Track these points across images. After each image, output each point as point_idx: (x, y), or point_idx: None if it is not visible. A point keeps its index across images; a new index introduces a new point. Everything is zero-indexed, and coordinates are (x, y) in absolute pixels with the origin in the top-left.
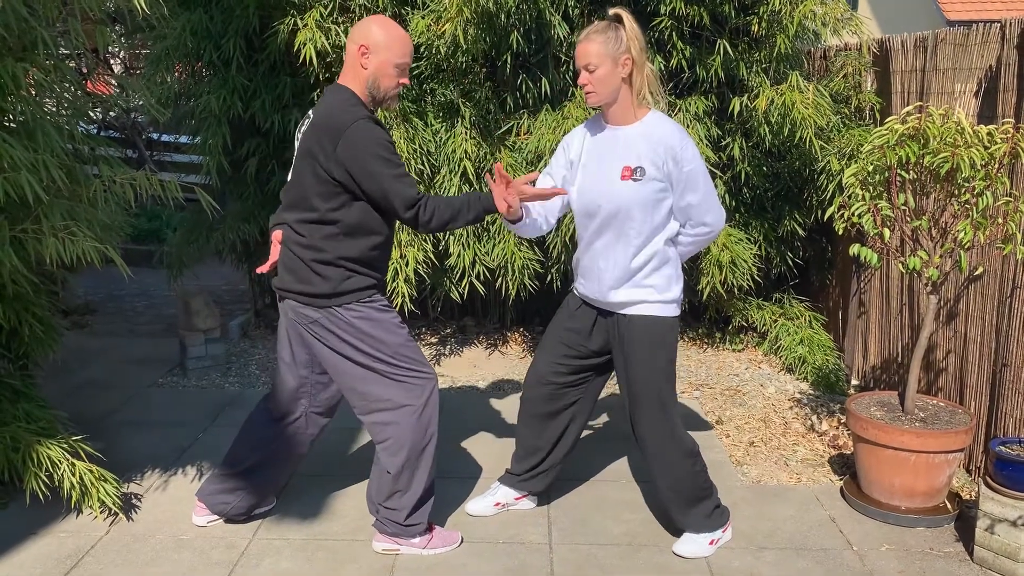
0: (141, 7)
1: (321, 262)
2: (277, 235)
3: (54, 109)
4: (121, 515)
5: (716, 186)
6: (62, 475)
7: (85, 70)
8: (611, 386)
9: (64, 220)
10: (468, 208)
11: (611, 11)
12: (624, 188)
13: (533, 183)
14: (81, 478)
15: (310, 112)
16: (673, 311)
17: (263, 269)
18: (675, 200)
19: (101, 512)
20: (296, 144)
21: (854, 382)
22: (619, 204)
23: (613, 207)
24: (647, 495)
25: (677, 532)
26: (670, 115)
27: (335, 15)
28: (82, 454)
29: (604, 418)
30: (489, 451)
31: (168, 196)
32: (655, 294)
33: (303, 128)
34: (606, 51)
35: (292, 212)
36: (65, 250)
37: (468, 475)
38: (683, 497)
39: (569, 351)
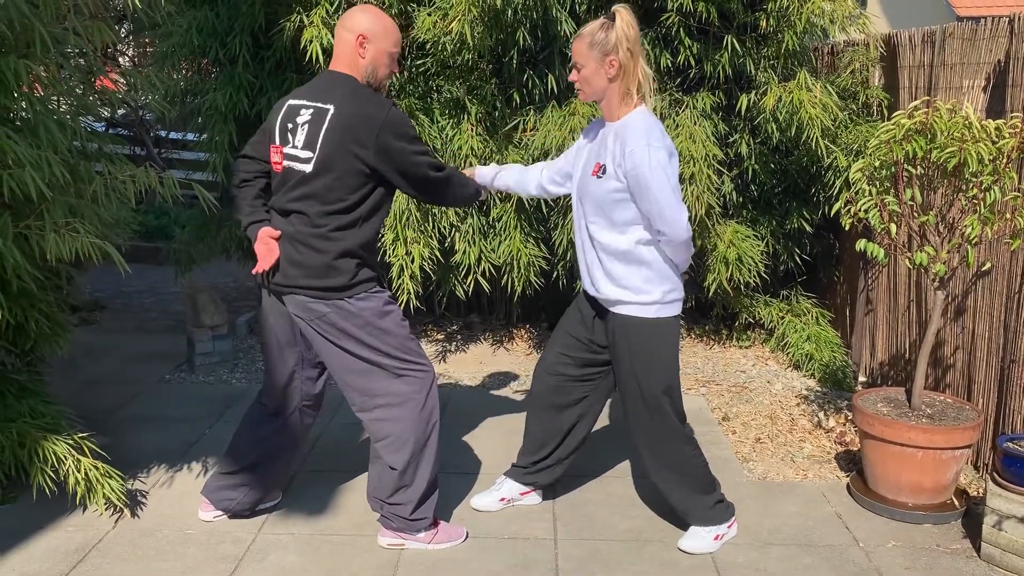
0: (134, 4)
1: (339, 254)
2: (273, 232)
3: (59, 106)
4: (126, 511)
5: (723, 182)
6: (67, 471)
7: (92, 68)
8: None
9: (66, 217)
10: (466, 183)
11: (613, 9)
12: (591, 184)
13: None
14: (86, 474)
15: (304, 100)
16: (654, 312)
17: (263, 268)
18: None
19: (106, 509)
20: (278, 125)
21: (861, 379)
22: (588, 199)
23: (585, 200)
24: (653, 491)
25: (683, 527)
26: (677, 112)
27: (341, 12)
28: (87, 450)
29: (611, 414)
30: (494, 447)
31: (167, 193)
32: (631, 295)
33: (305, 117)
34: (592, 51)
35: (311, 203)
36: (64, 245)
37: (473, 471)
38: (680, 491)
39: (576, 343)
